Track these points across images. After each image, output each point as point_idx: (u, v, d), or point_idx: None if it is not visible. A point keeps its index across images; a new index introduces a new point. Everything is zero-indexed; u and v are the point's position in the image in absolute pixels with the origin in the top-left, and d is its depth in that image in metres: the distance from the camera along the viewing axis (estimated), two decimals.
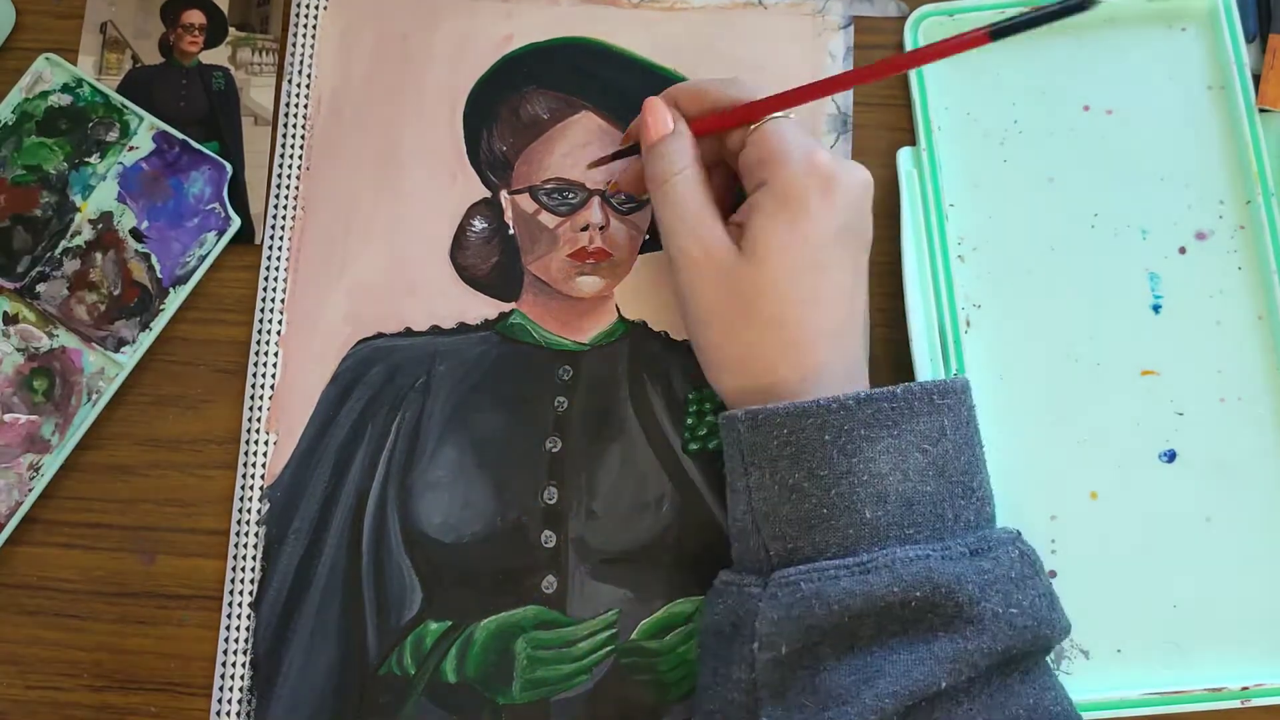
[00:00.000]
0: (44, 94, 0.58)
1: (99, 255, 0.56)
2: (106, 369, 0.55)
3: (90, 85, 0.58)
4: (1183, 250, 0.56)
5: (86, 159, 0.57)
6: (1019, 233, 0.57)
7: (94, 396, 0.55)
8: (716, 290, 0.48)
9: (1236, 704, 0.52)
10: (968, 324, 0.56)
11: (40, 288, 0.56)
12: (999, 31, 0.42)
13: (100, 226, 0.57)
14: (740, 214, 0.50)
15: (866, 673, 0.42)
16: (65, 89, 0.58)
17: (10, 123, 0.57)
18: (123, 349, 0.55)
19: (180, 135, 0.57)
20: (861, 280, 0.49)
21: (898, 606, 0.42)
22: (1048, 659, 0.46)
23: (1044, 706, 0.43)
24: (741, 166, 0.50)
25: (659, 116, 0.51)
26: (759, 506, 0.46)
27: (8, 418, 0.55)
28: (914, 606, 0.42)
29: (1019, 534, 0.46)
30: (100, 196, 0.57)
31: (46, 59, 0.58)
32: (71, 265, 0.56)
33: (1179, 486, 0.54)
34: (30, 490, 0.54)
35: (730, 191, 0.54)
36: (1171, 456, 0.55)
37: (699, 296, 0.48)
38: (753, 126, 0.49)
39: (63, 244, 0.56)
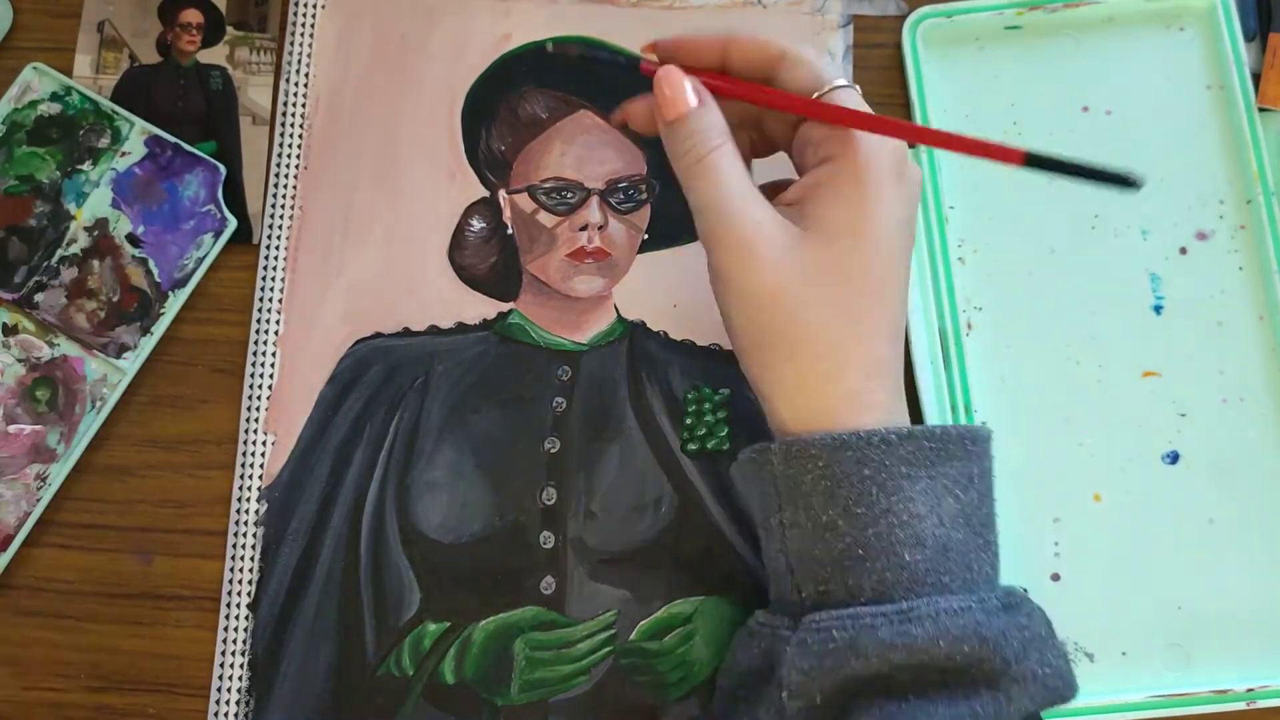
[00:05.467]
0: (33, 103, 0.58)
1: (96, 262, 0.56)
2: (109, 375, 0.55)
3: (79, 92, 0.57)
4: (1183, 251, 0.56)
5: (79, 166, 0.57)
6: (1019, 234, 0.57)
7: (98, 404, 0.55)
8: (776, 272, 0.43)
9: (1242, 706, 0.52)
10: (969, 326, 0.56)
11: (38, 297, 0.56)
12: (1033, 160, 0.41)
13: (96, 233, 0.56)
14: (800, 188, 0.45)
15: None
16: (54, 97, 0.58)
17: (0, 134, 0.57)
18: (124, 355, 0.55)
19: (172, 138, 0.57)
20: (909, 276, 0.46)
21: (942, 659, 0.39)
22: None
23: None
24: (798, 140, 0.46)
25: (681, 89, 0.45)
26: (792, 545, 0.42)
27: (12, 429, 0.54)
28: (959, 662, 0.39)
29: (1027, 591, 0.44)
30: (94, 203, 0.57)
31: (34, 68, 0.57)
32: (69, 273, 0.56)
33: (1182, 488, 0.54)
34: (38, 500, 0.54)
35: (748, 161, 0.50)
36: (1174, 458, 0.55)
37: (754, 279, 0.43)
38: (817, 95, 0.44)
39: (59, 253, 0.56)
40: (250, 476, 0.54)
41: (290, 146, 0.58)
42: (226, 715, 0.52)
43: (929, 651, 0.39)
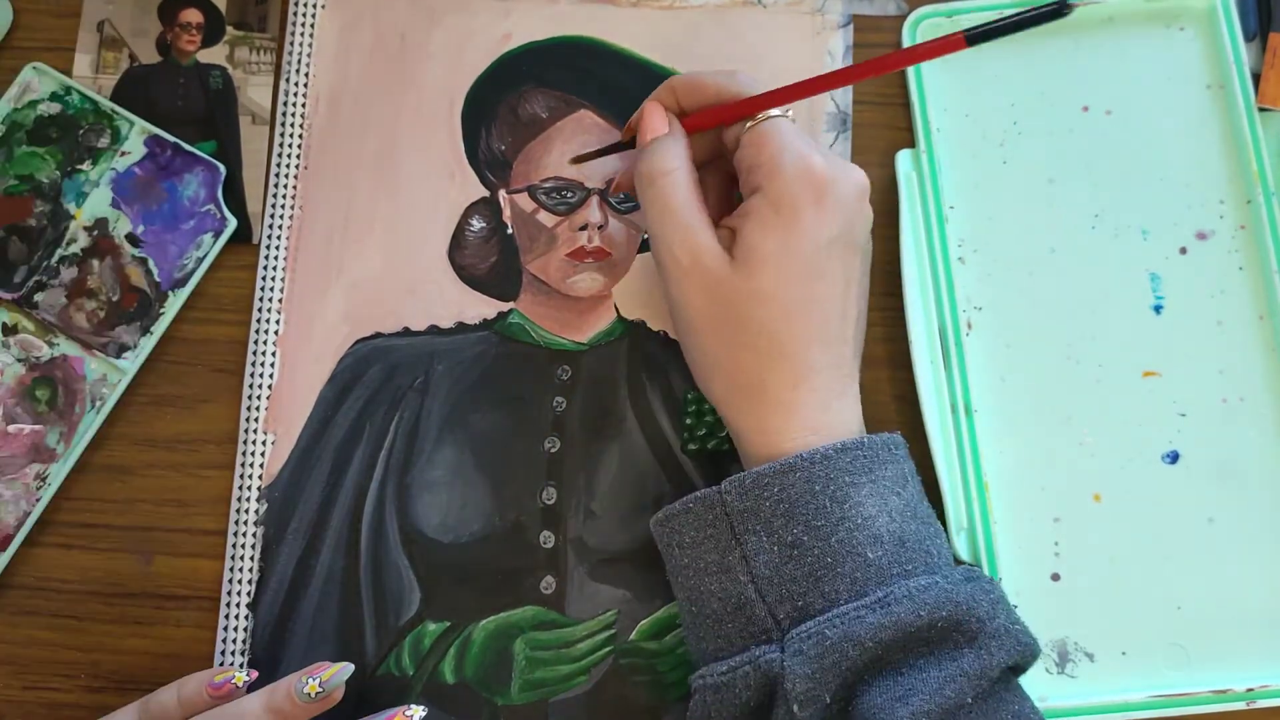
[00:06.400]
0: (32, 103, 0.58)
1: (96, 262, 0.56)
2: (109, 375, 0.55)
3: (79, 92, 0.57)
4: (1183, 250, 0.56)
5: (79, 166, 0.57)
6: (1019, 234, 0.57)
7: (98, 403, 0.55)
8: (704, 297, 0.47)
9: (1242, 705, 0.52)
10: (969, 326, 0.55)
11: (38, 297, 0.56)
12: (974, 37, 0.43)
13: (96, 233, 0.56)
14: (734, 218, 0.49)
15: (899, 692, 0.42)
16: (54, 97, 0.58)
17: (0, 133, 0.57)
18: (124, 354, 0.55)
19: (172, 138, 0.57)
20: (854, 284, 0.49)
21: (925, 629, 0.42)
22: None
23: (1025, 713, 0.43)
24: (737, 166, 0.49)
25: (654, 119, 0.50)
26: (760, 571, 0.45)
27: (12, 429, 0.54)
28: (940, 627, 0.43)
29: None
30: (94, 203, 0.57)
31: (34, 68, 0.57)
32: (69, 273, 0.56)
33: (1182, 487, 0.54)
34: (38, 500, 0.54)
35: (730, 191, 0.53)
36: (1174, 457, 0.55)
37: (687, 303, 0.48)
38: (748, 124, 0.48)
39: (59, 252, 0.56)
40: (250, 476, 0.54)
41: (290, 146, 0.58)
42: None
43: (913, 624, 0.42)
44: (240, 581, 0.53)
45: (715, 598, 0.46)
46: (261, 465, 0.54)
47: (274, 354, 0.56)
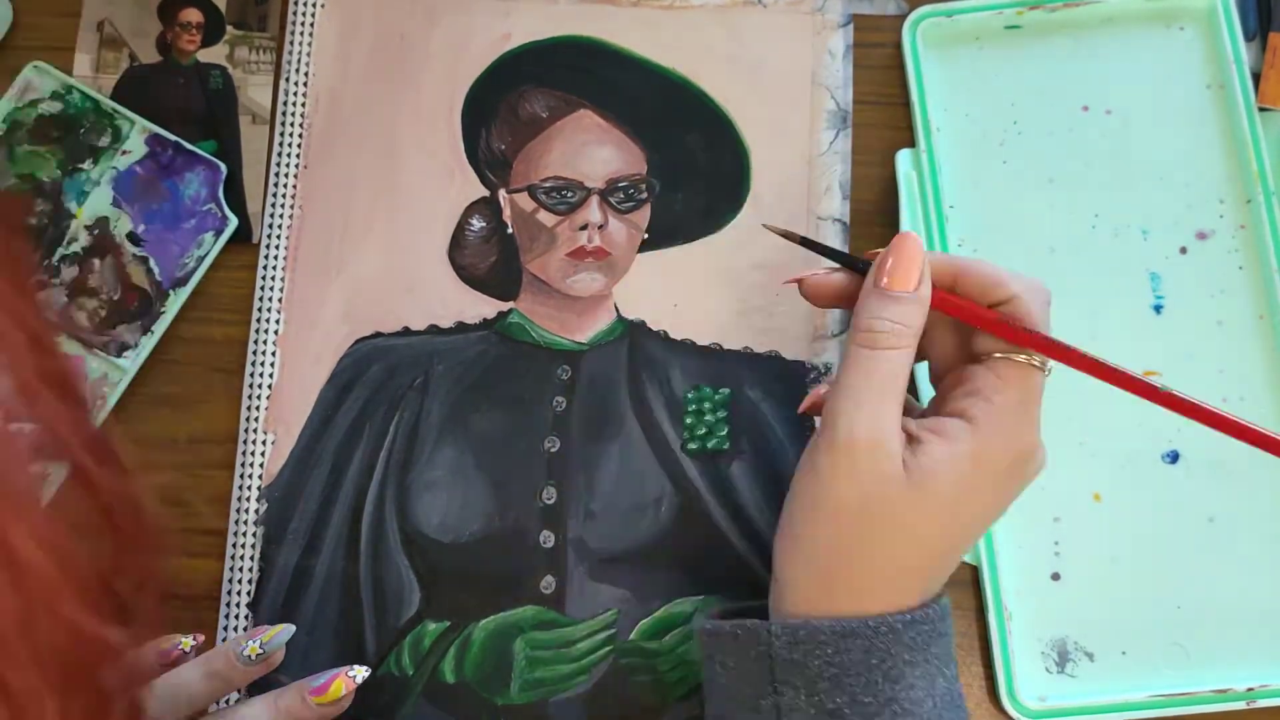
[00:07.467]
0: (33, 102, 0.58)
1: (97, 261, 0.56)
2: (110, 374, 0.55)
3: (80, 91, 0.57)
4: (1183, 250, 0.56)
5: (79, 165, 0.57)
6: (1019, 234, 0.57)
7: (98, 403, 0.55)
8: (855, 485, 0.42)
9: (1242, 705, 0.51)
10: None
11: (39, 296, 0.56)
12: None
13: (97, 232, 0.56)
14: (929, 424, 0.43)
15: None
16: (55, 96, 0.58)
17: (1, 132, 0.57)
18: (125, 353, 0.55)
19: (173, 137, 0.57)
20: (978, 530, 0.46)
21: None
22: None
23: None
24: (952, 375, 0.45)
25: (910, 266, 0.43)
26: None
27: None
28: None
29: None
30: (95, 202, 0.57)
31: (35, 67, 0.57)
32: (69, 272, 0.56)
33: (1182, 487, 0.54)
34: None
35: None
36: (1174, 457, 0.55)
37: (831, 480, 0.42)
38: (1000, 353, 0.44)
39: (60, 251, 0.56)
40: (250, 476, 0.54)
41: (290, 146, 0.58)
42: None
43: None
44: (240, 581, 0.53)
45: None
46: (261, 465, 0.54)
47: (274, 354, 0.56)
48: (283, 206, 0.57)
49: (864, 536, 0.42)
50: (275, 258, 0.57)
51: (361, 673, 0.48)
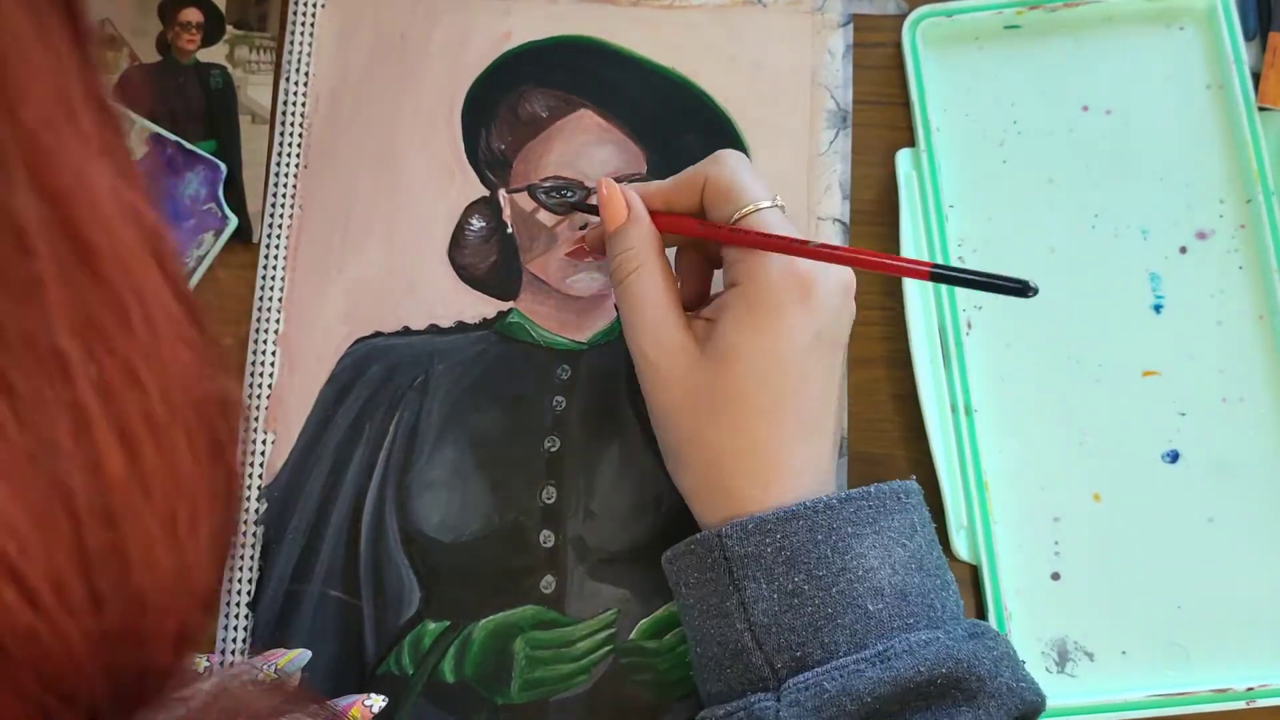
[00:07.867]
0: None
1: None
2: None
3: None
4: (1183, 250, 0.56)
5: None
6: (1019, 234, 0.57)
7: None
8: (675, 392, 0.47)
9: (1242, 705, 0.51)
10: (969, 326, 0.55)
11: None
12: (937, 275, 0.43)
13: None
14: (713, 308, 0.48)
15: None
16: None
17: None
18: None
19: (173, 137, 0.57)
20: (834, 380, 0.47)
21: (924, 685, 0.42)
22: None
23: None
24: (723, 260, 0.48)
25: (614, 204, 0.49)
26: (758, 619, 0.44)
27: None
28: (939, 684, 0.42)
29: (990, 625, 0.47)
30: None
31: None
32: None
33: (1181, 487, 0.54)
34: None
35: (709, 272, 0.52)
36: (1174, 457, 0.55)
37: (658, 397, 0.47)
38: (735, 216, 0.46)
39: None
40: (250, 475, 0.54)
41: (290, 145, 0.58)
42: None
43: (912, 680, 0.42)
44: (240, 581, 0.53)
45: (715, 642, 0.45)
46: (261, 465, 0.54)
47: (274, 353, 0.56)
48: (283, 206, 0.57)
49: (720, 426, 0.46)
50: (275, 257, 0.57)
51: (379, 702, 0.48)
